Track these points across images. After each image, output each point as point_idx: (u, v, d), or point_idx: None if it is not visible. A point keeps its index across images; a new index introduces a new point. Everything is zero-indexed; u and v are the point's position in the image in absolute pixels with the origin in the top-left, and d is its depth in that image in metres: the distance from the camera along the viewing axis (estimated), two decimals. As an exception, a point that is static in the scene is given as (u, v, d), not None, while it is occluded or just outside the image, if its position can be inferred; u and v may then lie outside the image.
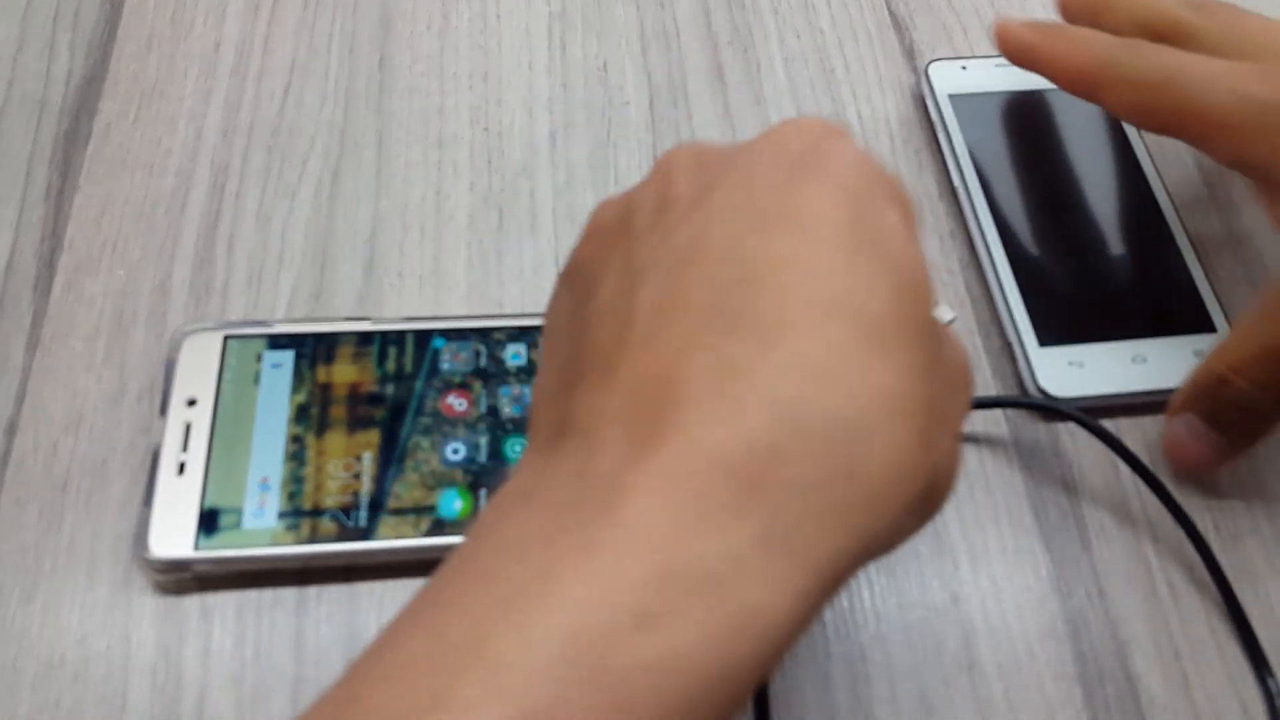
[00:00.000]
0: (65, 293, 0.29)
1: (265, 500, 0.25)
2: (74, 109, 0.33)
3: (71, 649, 0.24)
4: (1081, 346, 0.28)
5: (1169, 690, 0.25)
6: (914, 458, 0.15)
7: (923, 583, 0.26)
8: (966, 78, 0.34)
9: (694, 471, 0.14)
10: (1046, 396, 0.28)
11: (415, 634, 0.14)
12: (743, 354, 0.15)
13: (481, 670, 0.13)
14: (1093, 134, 0.33)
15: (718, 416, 0.14)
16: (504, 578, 0.14)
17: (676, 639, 0.13)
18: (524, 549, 0.14)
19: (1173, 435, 0.28)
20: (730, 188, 0.17)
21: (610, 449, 0.15)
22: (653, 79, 0.35)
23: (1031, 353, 0.28)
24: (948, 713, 0.24)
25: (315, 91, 0.34)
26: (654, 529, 0.13)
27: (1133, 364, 0.28)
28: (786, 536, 0.14)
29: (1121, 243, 0.31)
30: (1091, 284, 0.30)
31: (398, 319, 0.28)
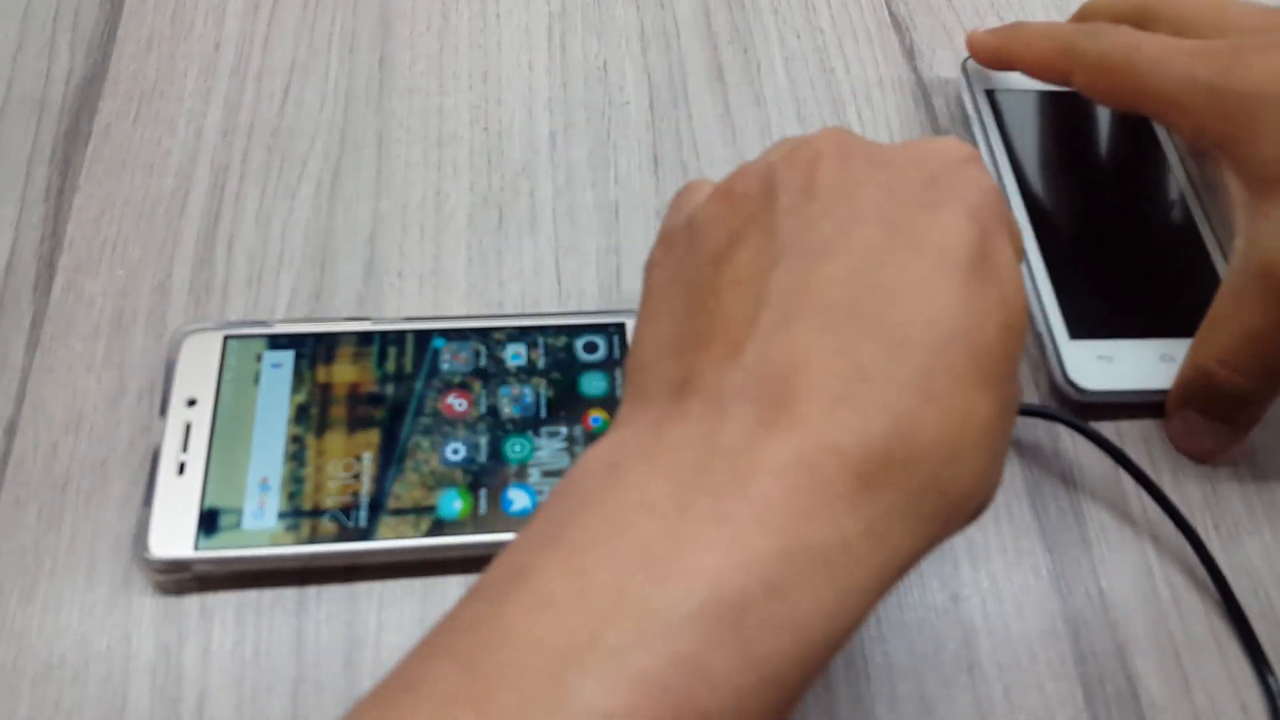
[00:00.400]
0: (65, 293, 0.29)
1: (265, 500, 0.25)
2: (74, 109, 0.33)
3: (71, 649, 0.24)
4: (1112, 341, 0.28)
5: (1169, 690, 0.25)
6: (987, 483, 0.17)
7: (923, 583, 0.26)
8: (1001, 75, 0.34)
9: (817, 463, 0.15)
10: (1076, 390, 0.28)
11: (554, 573, 0.15)
12: (871, 362, 0.16)
13: (630, 616, 0.14)
14: (1124, 135, 0.33)
15: (842, 416, 0.16)
16: (639, 533, 0.15)
17: (798, 607, 0.15)
18: (654, 508, 0.15)
19: (1174, 433, 0.28)
20: (875, 190, 0.19)
21: (736, 424, 0.16)
22: (653, 79, 0.35)
23: (1062, 345, 0.28)
24: (948, 712, 0.24)
25: (315, 91, 0.34)
26: (779, 510, 0.15)
27: (1160, 362, 0.28)
28: (885, 533, 0.16)
29: (1152, 242, 0.31)
30: (1123, 281, 0.30)
31: (398, 319, 0.28)
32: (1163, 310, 0.30)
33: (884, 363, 0.16)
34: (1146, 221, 0.32)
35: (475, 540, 0.25)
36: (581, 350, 0.28)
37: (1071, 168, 0.33)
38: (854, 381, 0.16)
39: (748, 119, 0.35)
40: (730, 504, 0.15)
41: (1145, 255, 0.31)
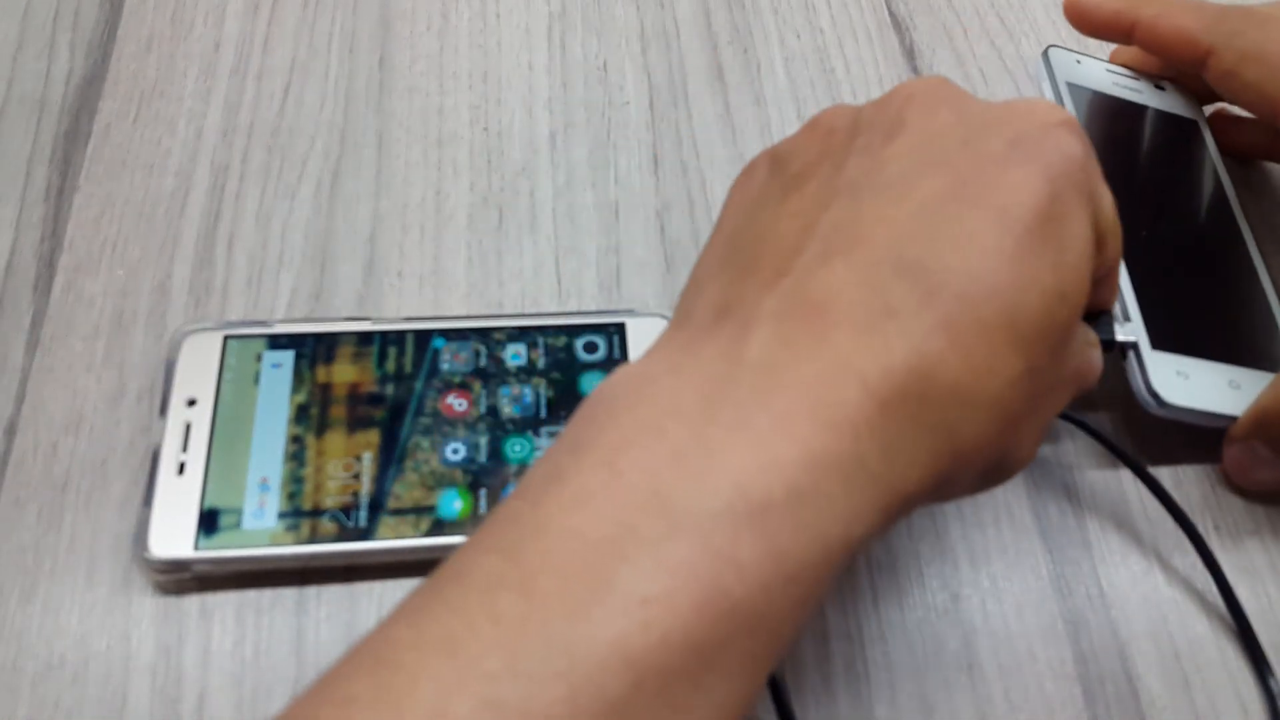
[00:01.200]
0: (65, 293, 0.29)
1: (265, 500, 0.25)
2: (74, 109, 0.33)
3: (71, 649, 0.24)
4: (1188, 359, 0.28)
5: (1169, 690, 0.25)
6: (996, 436, 0.18)
7: (923, 583, 0.26)
8: (1080, 70, 0.33)
9: (838, 383, 0.16)
10: (1157, 401, 0.27)
11: (589, 473, 0.16)
12: (903, 301, 0.17)
13: (662, 511, 0.15)
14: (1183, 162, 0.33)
15: (869, 346, 0.17)
16: (669, 436, 0.16)
17: (816, 511, 0.16)
18: (680, 412, 0.16)
19: (1235, 461, 0.27)
20: (955, 141, 0.19)
21: (764, 342, 0.17)
22: (653, 79, 0.35)
23: (1145, 353, 0.27)
24: (948, 713, 0.24)
25: (315, 91, 0.34)
26: (800, 421, 0.16)
27: (1229, 388, 0.28)
28: (896, 458, 0.16)
29: (1214, 269, 0.31)
30: (1195, 301, 0.30)
31: (397, 319, 0.28)
32: (1231, 337, 0.29)
33: (914, 304, 0.17)
34: (1208, 246, 0.31)
35: (475, 540, 0.25)
36: (581, 350, 0.28)
37: (1139, 178, 0.32)
38: (882, 316, 0.17)
39: (748, 119, 0.35)
40: (754, 414, 0.16)
41: (1210, 279, 0.30)
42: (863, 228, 0.18)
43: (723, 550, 0.15)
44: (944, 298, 0.17)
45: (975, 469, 0.18)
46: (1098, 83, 0.33)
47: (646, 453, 0.16)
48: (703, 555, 0.15)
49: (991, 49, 0.37)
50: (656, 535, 0.15)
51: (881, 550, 0.27)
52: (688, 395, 0.16)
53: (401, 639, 0.15)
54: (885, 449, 0.16)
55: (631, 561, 0.15)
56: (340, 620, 0.24)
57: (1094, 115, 0.32)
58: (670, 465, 0.16)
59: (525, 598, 0.14)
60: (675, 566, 0.15)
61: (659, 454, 0.16)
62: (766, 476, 0.15)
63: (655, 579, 0.14)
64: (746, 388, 0.16)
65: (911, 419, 0.16)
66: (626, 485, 0.15)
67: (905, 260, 0.17)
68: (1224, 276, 0.31)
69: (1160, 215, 0.31)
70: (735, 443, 0.16)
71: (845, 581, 0.26)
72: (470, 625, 0.14)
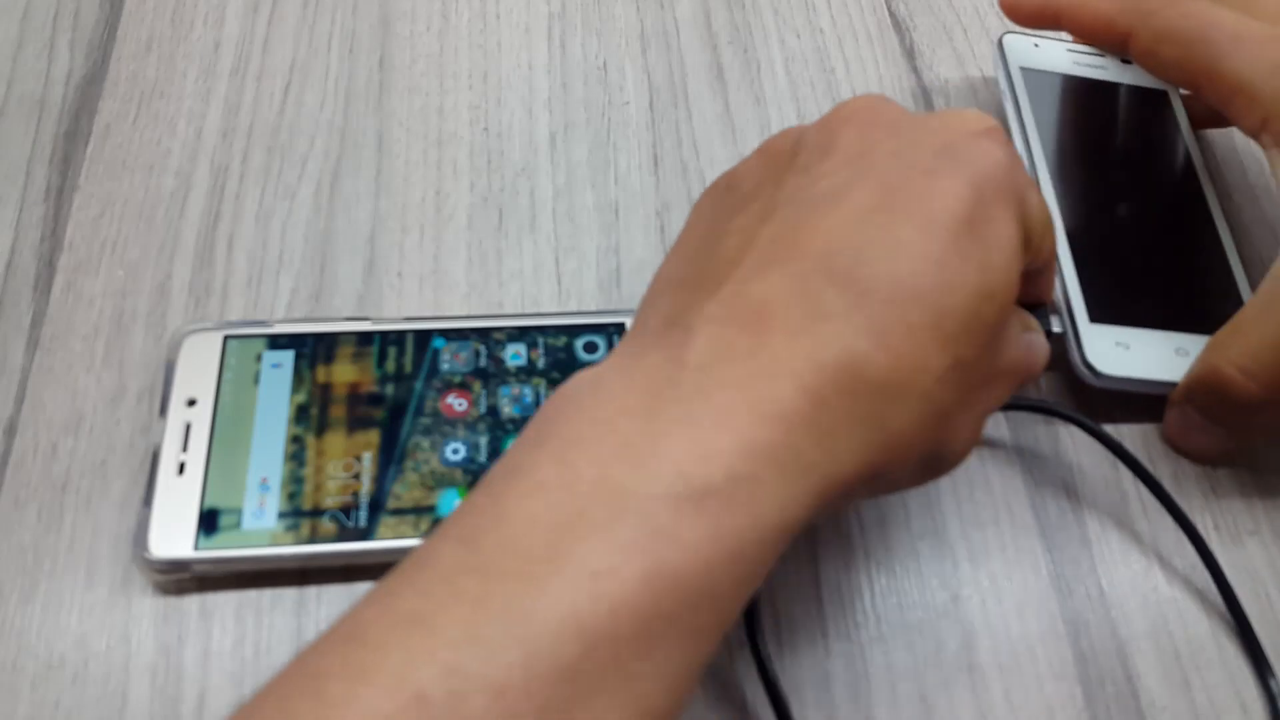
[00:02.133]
0: (65, 293, 0.29)
1: (265, 500, 0.25)
2: (74, 109, 0.33)
3: (71, 649, 0.24)
4: (1129, 329, 0.28)
5: (1169, 690, 0.25)
6: (926, 432, 0.19)
7: (922, 583, 0.26)
8: (1038, 54, 0.33)
9: (772, 379, 0.17)
10: (1092, 372, 0.27)
11: (544, 466, 0.17)
12: (835, 305, 0.18)
13: (611, 496, 0.16)
14: (1150, 132, 0.33)
15: (802, 346, 0.18)
16: (618, 431, 0.17)
17: (753, 495, 0.17)
18: (631, 411, 0.17)
19: (1171, 426, 0.28)
20: (885, 155, 0.20)
21: (705, 346, 0.18)
22: (652, 79, 0.35)
23: (1082, 328, 0.28)
24: (948, 713, 0.24)
25: (315, 91, 0.34)
26: (738, 415, 0.17)
27: (1175, 355, 0.28)
28: (830, 447, 0.18)
29: (1171, 238, 0.31)
30: (1143, 271, 0.30)
31: (397, 319, 0.28)
32: (1180, 304, 0.29)
33: (845, 308, 0.18)
34: (1169, 216, 0.31)
35: (475, 540, 0.25)
36: (581, 350, 0.28)
37: (1100, 154, 0.32)
38: (814, 319, 0.18)
39: (748, 119, 0.35)
40: (696, 409, 0.17)
41: (1166, 248, 0.31)
42: (798, 239, 0.19)
43: (666, 529, 0.16)
44: (872, 301, 0.18)
45: (910, 460, 0.19)
46: (1057, 64, 0.33)
47: (597, 445, 0.17)
48: (647, 534, 0.16)
49: (991, 49, 0.37)
50: (606, 517, 0.16)
51: (881, 549, 0.27)
52: (635, 395, 0.18)
53: (370, 618, 0.16)
54: (818, 439, 0.17)
55: (583, 540, 0.16)
56: (340, 620, 0.24)
57: (1051, 96, 0.33)
58: (618, 455, 0.17)
59: (485, 579, 0.16)
60: (622, 544, 0.16)
61: (608, 446, 0.17)
62: (707, 464, 0.17)
63: (604, 555, 0.16)
64: (689, 387, 0.18)
65: (843, 412, 0.18)
66: (578, 475, 0.17)
67: (836, 268, 0.18)
68: (1185, 245, 0.31)
69: (1121, 188, 0.32)
70: (678, 435, 0.17)
71: (845, 581, 0.26)
72: (436, 604, 0.15)
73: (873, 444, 0.18)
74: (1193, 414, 0.27)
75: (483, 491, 0.17)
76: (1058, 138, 0.32)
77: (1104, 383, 0.28)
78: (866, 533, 0.27)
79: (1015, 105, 0.32)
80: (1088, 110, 0.33)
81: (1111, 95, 0.33)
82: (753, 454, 0.17)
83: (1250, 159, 0.35)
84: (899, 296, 0.18)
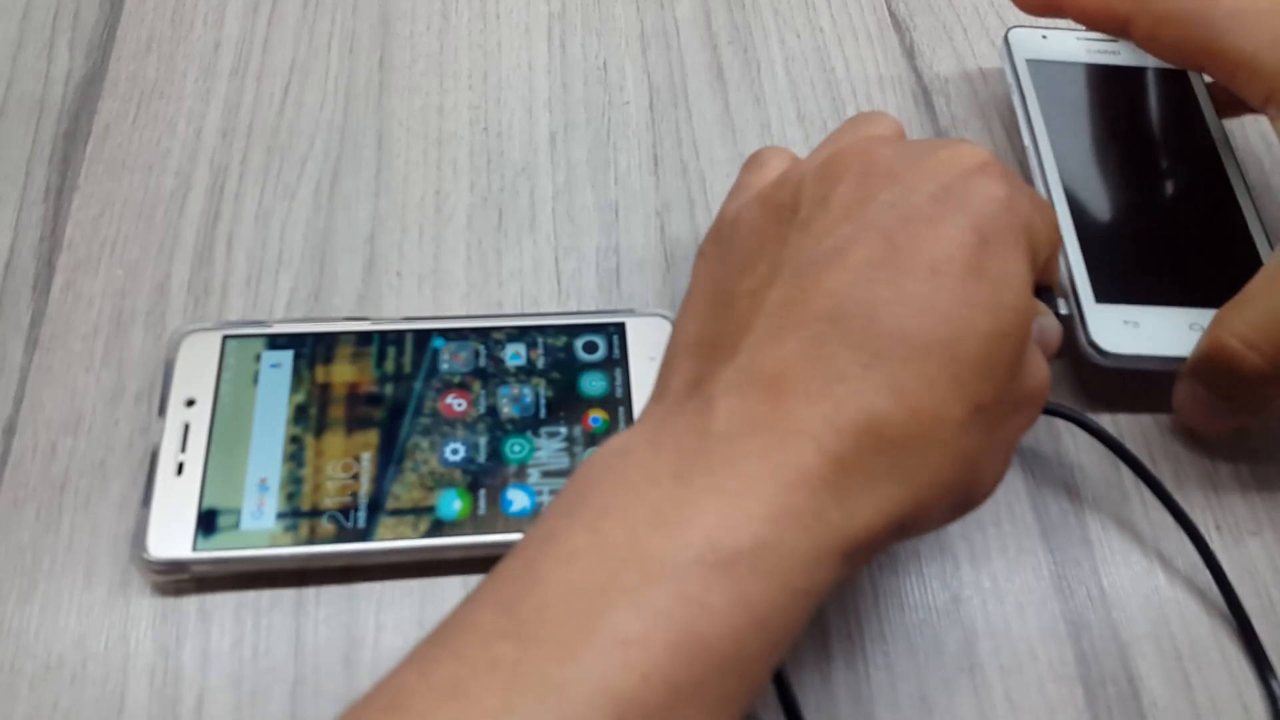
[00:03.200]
0: (64, 292, 0.29)
1: (264, 501, 0.25)
2: (73, 109, 0.33)
3: (70, 650, 0.24)
4: (1138, 307, 0.28)
5: (1170, 691, 0.25)
6: (954, 474, 0.19)
7: (923, 584, 0.26)
8: (1046, 45, 0.34)
9: (796, 447, 0.18)
10: (1099, 352, 0.27)
11: (578, 534, 0.17)
12: (849, 367, 0.18)
13: (642, 564, 0.17)
14: (1167, 111, 0.33)
15: (820, 410, 0.18)
16: (647, 500, 0.18)
17: (781, 560, 0.17)
18: (659, 480, 0.18)
19: (1179, 399, 0.28)
20: (883, 206, 0.20)
21: (724, 414, 0.19)
22: (652, 79, 0.35)
23: (1087, 308, 0.28)
24: (949, 714, 0.24)
25: (315, 91, 0.34)
26: (763, 483, 0.18)
27: (1189, 331, 0.28)
28: (855, 507, 0.18)
29: (1187, 215, 0.30)
30: (1154, 249, 0.30)
31: (397, 319, 0.28)
32: (1196, 280, 0.29)
33: (859, 370, 0.18)
34: (1185, 192, 0.31)
35: (474, 541, 0.25)
36: (581, 350, 0.28)
37: (1110, 137, 0.32)
38: (831, 383, 0.18)
39: (748, 119, 0.34)
40: (723, 478, 0.18)
41: (1181, 224, 0.30)
42: (807, 301, 0.19)
43: (695, 596, 0.16)
44: (887, 359, 0.18)
45: (939, 506, 0.20)
46: (1068, 53, 0.33)
47: (628, 514, 0.17)
48: (677, 601, 0.16)
49: (991, 48, 0.37)
50: (635, 583, 0.16)
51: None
52: (663, 465, 0.18)
53: (410, 685, 0.16)
54: (842, 501, 0.18)
55: (614, 607, 0.16)
56: (339, 621, 0.24)
57: (1060, 85, 0.33)
58: (648, 523, 0.17)
59: (521, 645, 0.16)
60: (652, 611, 0.16)
61: (639, 514, 0.17)
62: (734, 531, 0.17)
63: (634, 623, 0.16)
64: (715, 456, 0.18)
65: (866, 471, 0.18)
66: (610, 544, 0.17)
67: (848, 329, 0.19)
68: (1203, 220, 0.31)
69: (1132, 169, 0.31)
70: (706, 503, 0.17)
71: (846, 582, 0.26)
72: (472, 671, 0.16)
73: (898, 499, 0.18)
74: (1200, 389, 0.27)
75: (518, 557, 0.18)
76: (1065, 124, 0.32)
77: (1112, 362, 0.27)
78: (867, 533, 0.27)
79: (1021, 97, 0.32)
80: (1099, 94, 0.33)
81: (1126, 78, 0.33)
82: (778, 520, 0.17)
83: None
84: (912, 352, 0.18)
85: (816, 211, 0.21)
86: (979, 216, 0.20)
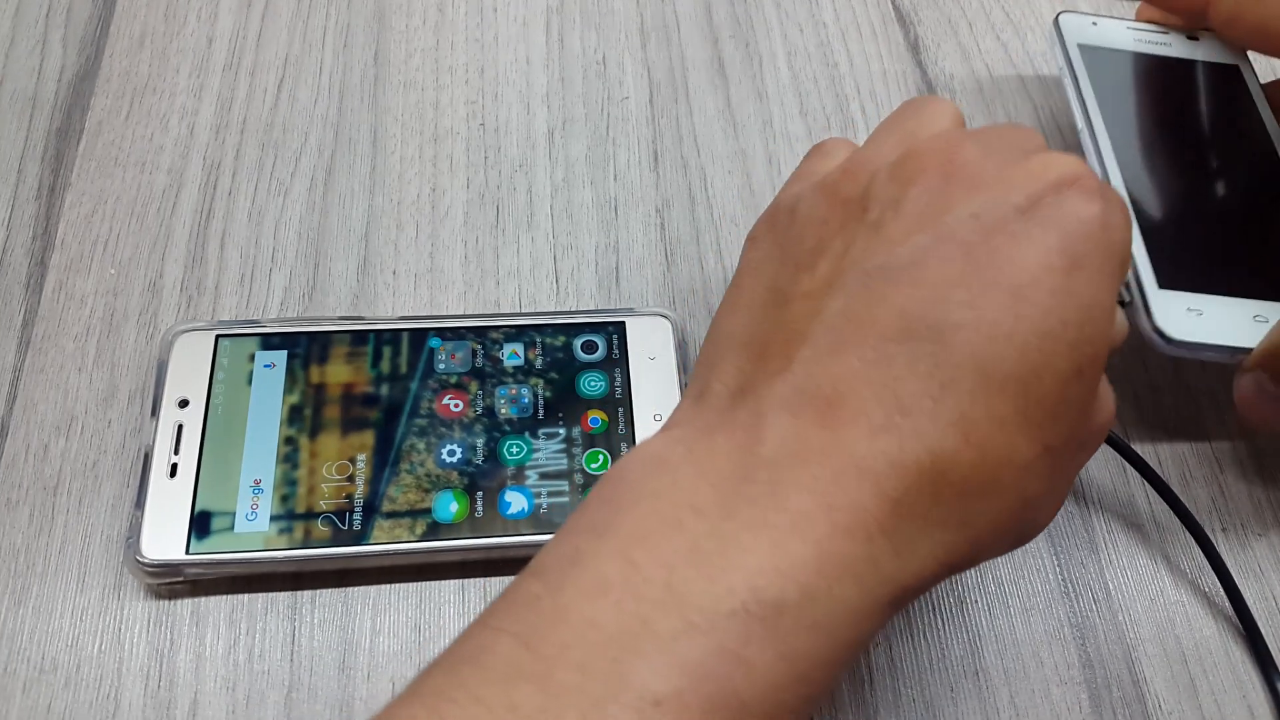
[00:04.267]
0: (56, 292, 0.29)
1: (258, 503, 0.24)
2: (66, 105, 0.32)
3: (63, 653, 0.23)
4: (1202, 296, 0.27)
5: (1176, 694, 0.25)
6: (1013, 520, 0.18)
7: (926, 586, 0.26)
8: (1096, 32, 0.33)
9: (851, 484, 0.16)
10: (1163, 339, 0.26)
11: (608, 560, 0.16)
12: (916, 398, 0.17)
13: (679, 608, 0.15)
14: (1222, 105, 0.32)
15: (879, 443, 0.17)
16: (687, 530, 0.16)
17: (829, 612, 0.16)
18: (699, 508, 0.16)
19: (1242, 391, 0.27)
20: (965, 217, 0.18)
21: (775, 435, 0.17)
22: (652, 73, 0.35)
23: (1150, 293, 0.27)
24: (953, 717, 0.24)
25: (309, 87, 0.33)
26: (815, 523, 0.16)
27: (1254, 322, 0.27)
28: (910, 555, 0.17)
29: (1247, 207, 0.30)
30: (1216, 238, 0.29)
31: (393, 318, 0.28)
32: (1259, 272, 0.28)
33: (927, 401, 0.17)
34: (1243, 185, 0.30)
35: (471, 543, 0.24)
36: (580, 350, 0.28)
37: (1165, 126, 0.31)
38: (894, 413, 0.17)
39: (749, 114, 0.34)
40: (770, 513, 0.16)
41: (1241, 216, 0.30)
42: (872, 316, 0.18)
43: (734, 651, 0.15)
44: (956, 392, 0.17)
45: (996, 547, 0.19)
46: (1118, 41, 0.33)
47: (664, 545, 0.16)
48: (714, 655, 0.15)
49: (997, 43, 0.37)
50: (671, 632, 0.15)
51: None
52: (705, 489, 0.17)
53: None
54: (898, 549, 0.16)
55: (646, 657, 0.15)
56: (334, 625, 0.24)
57: (1114, 72, 0.32)
58: (686, 560, 0.16)
59: (543, 690, 0.15)
60: (687, 665, 0.15)
61: (676, 548, 0.16)
62: (781, 578, 0.16)
63: (668, 678, 0.15)
64: (762, 485, 0.17)
65: (924, 517, 0.17)
66: (644, 578, 0.16)
67: (916, 354, 0.17)
68: (1263, 212, 0.30)
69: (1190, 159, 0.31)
70: (750, 542, 0.16)
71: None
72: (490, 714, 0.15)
73: (956, 545, 0.17)
74: (1267, 382, 0.26)
75: (539, 578, 0.16)
76: (1122, 112, 0.31)
77: (1176, 350, 0.26)
78: (869, 535, 0.26)
79: (1074, 82, 0.32)
80: (1154, 84, 0.32)
81: (1179, 69, 0.33)
82: (829, 567, 0.16)
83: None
84: (984, 385, 0.17)
85: (889, 213, 0.19)
86: (1070, 238, 0.17)
